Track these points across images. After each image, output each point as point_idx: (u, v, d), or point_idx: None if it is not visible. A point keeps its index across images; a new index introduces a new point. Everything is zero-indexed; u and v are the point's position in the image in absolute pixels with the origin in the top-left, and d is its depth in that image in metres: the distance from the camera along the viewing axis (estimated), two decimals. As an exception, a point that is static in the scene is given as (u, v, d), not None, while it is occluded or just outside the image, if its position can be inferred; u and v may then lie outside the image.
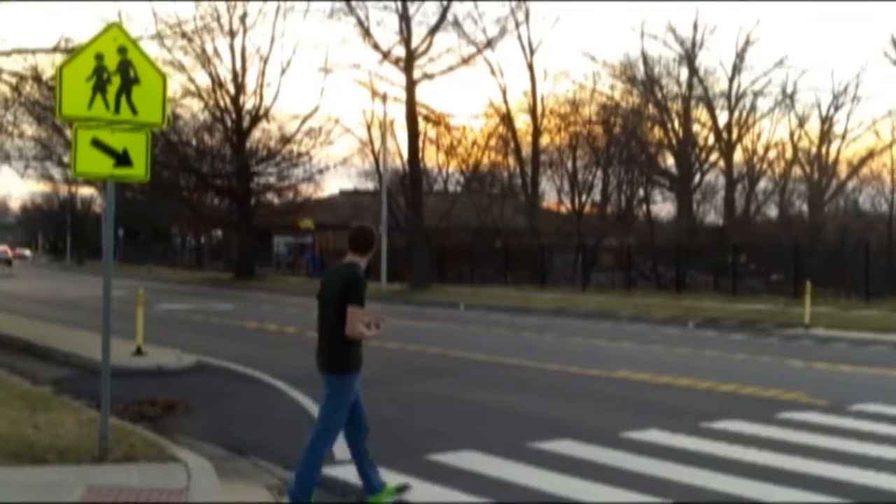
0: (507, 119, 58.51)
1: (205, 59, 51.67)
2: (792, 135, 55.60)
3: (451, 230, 55.27)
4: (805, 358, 18.53)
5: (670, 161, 57.14)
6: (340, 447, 9.04)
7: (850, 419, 11.26)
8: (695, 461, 8.84)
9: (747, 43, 53.62)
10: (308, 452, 7.24)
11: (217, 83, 53.70)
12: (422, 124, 50.35)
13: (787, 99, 54.53)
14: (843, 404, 12.26)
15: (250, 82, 54.78)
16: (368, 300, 7.30)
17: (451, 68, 47.01)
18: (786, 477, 8.29)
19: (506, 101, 57.75)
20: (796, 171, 56.26)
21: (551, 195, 60.02)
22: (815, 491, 7.79)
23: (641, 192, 58.38)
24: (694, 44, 53.93)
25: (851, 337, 22.80)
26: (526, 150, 58.18)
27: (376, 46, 46.15)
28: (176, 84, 48.22)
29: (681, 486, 7.97)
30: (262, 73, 54.32)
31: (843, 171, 55.79)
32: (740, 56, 53.93)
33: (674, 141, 55.76)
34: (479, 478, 8.23)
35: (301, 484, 7.20)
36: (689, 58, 54.14)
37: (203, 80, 53.13)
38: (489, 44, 49.24)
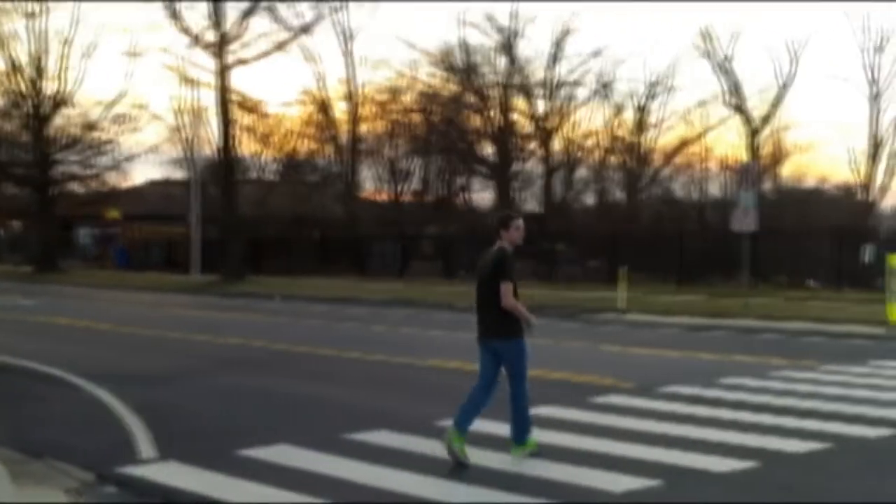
0: (324, 106, 58.27)
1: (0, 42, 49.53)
2: (608, 124, 57.32)
3: (268, 220, 54.64)
4: (618, 342, 19.22)
5: (489, 149, 58.03)
6: (149, 446, 8.92)
7: (657, 401, 11.74)
8: (509, 448, 9.04)
9: (565, 33, 54.94)
10: (519, 411, 8.84)
11: (14, 67, 51.52)
12: (235, 111, 49.58)
13: (604, 89, 56.08)
14: (651, 386, 12.77)
15: (52, 66, 52.83)
16: (177, 292, 7.19)
17: (265, 54, 46.45)
18: (597, 459, 8.58)
19: (323, 88, 57.54)
20: (613, 159, 58.01)
21: (370, 184, 60.20)
22: (624, 472, 8.08)
23: (461, 181, 59.14)
24: (512, 32, 54.90)
25: (662, 321, 23.79)
26: (344, 138, 58.09)
27: (186, 30, 45.16)
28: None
29: (495, 472, 8.15)
30: (65, 57, 52.40)
31: (657, 159, 57.85)
32: (558, 46, 55.20)
33: (493, 129, 56.66)
34: (293, 472, 8.20)
35: (521, 430, 8.78)
36: (507, 47, 55.06)
37: (-2, 64, 50.95)
38: (305, 29, 48.88)
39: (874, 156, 54.54)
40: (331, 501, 7.35)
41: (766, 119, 55.12)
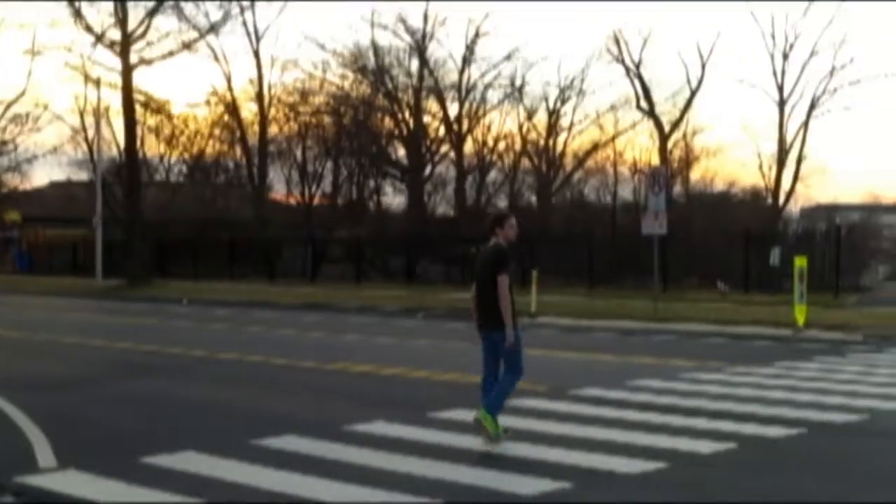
0: (232, 107, 57.72)
1: None
2: (521, 127, 57.72)
3: (174, 222, 53.94)
4: (530, 346, 19.28)
5: (401, 152, 58.07)
6: (48, 455, 8.73)
7: (569, 403, 11.85)
8: (423, 452, 9.01)
9: (477, 35, 55.19)
10: (500, 388, 9.48)
11: None
12: (140, 111, 48.81)
13: (516, 92, 56.53)
14: (563, 389, 12.88)
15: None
16: (80, 297, 7.04)
17: (171, 53, 45.86)
18: (507, 462, 8.61)
19: (231, 89, 57.00)
20: (525, 162, 58.43)
21: (280, 186, 59.76)
22: (535, 475, 8.11)
23: (372, 184, 59.08)
24: (424, 35, 55.01)
25: (573, 324, 24.01)
26: (253, 140, 57.59)
27: (89, 28, 44.34)
28: None
29: (408, 476, 8.11)
30: (-40, 54, 51.11)
31: (569, 163, 58.45)
32: (470, 48, 55.44)
33: (405, 132, 56.69)
34: (198, 479, 8.06)
35: (490, 407, 9.35)
36: (419, 49, 55.16)
37: None
38: (212, 28, 48.41)
39: (782, 160, 55.79)
40: (237, 508, 7.25)
41: (676, 123, 56.08)
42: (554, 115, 57.53)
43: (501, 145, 57.96)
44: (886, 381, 13.87)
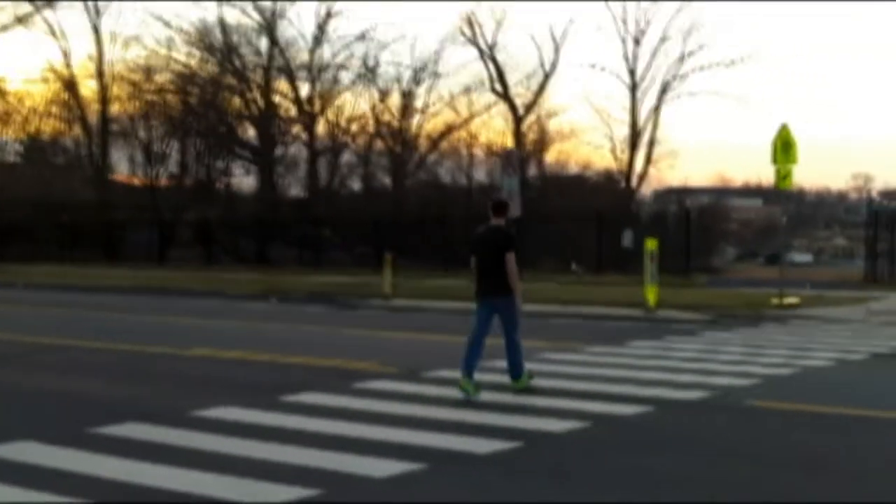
0: (70, 84, 55.98)
1: None
2: (374, 108, 57.56)
3: (10, 204, 52.05)
4: (383, 328, 19.40)
5: (251, 132, 57.32)
6: None
7: (422, 385, 11.92)
8: (272, 436, 8.92)
9: (328, 15, 54.76)
10: (512, 349, 11.54)
11: None
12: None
13: (369, 73, 56.35)
14: (416, 371, 12.94)
15: None
16: None
17: (4, 28, 44.20)
18: (359, 445, 8.59)
19: (69, 66, 55.30)
20: (379, 144, 58.34)
21: (124, 167, 58.24)
22: (387, 457, 8.12)
23: (221, 164, 58.17)
24: (274, 13, 54.33)
25: (428, 306, 24.15)
26: (93, 119, 55.98)
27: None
28: None
29: (258, 462, 8.01)
30: None
31: (423, 145, 58.59)
32: (321, 28, 55.02)
33: (255, 112, 55.96)
34: (38, 470, 7.78)
35: (516, 370, 11.54)
36: (269, 27, 54.47)
37: None
38: (48, 2, 46.84)
39: (634, 143, 57.11)
40: (80, 500, 7.03)
41: (530, 106, 56.81)
42: (408, 96, 57.54)
43: (354, 126, 57.73)
44: (733, 359, 14.35)
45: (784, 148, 23.28)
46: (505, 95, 56.26)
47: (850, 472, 7.87)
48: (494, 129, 57.82)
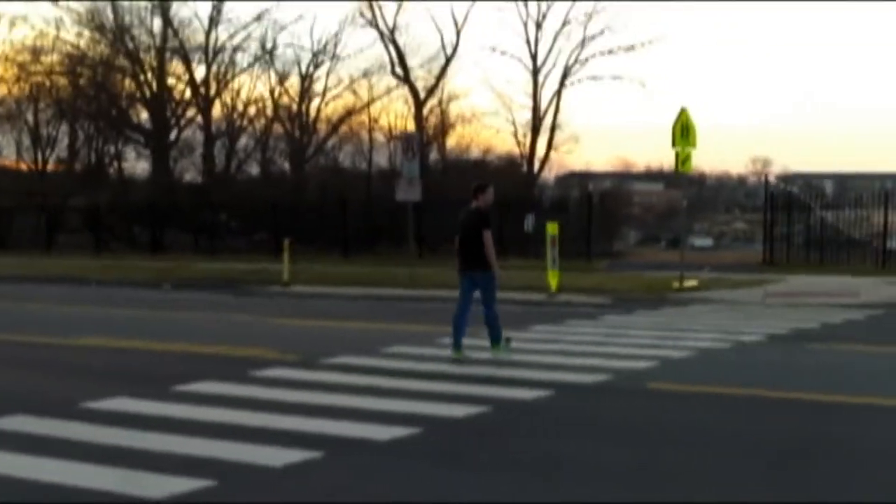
0: (-49, 64, 54.35)
1: None
2: (272, 91, 56.94)
3: None
4: (281, 315, 19.28)
5: (144, 115, 56.28)
6: None
7: (320, 372, 11.87)
8: (165, 427, 8.80)
9: (224, -5, 54.00)
10: (492, 321, 13.11)
11: None
12: None
13: (267, 55, 55.72)
14: (315, 358, 12.87)
15: None
16: None
17: None
18: (257, 434, 8.52)
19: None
20: (277, 128, 57.78)
21: (9, 151, 56.75)
22: (285, 445, 8.07)
23: (113, 149, 57.08)
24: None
25: (327, 292, 24.08)
26: (-21, 101, 54.46)
27: None
28: None
29: (148, 453, 7.89)
30: None
31: (323, 129, 58.18)
32: (217, 9, 54.24)
33: (148, 94, 54.98)
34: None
35: (496, 334, 13.09)
36: (162, 7, 53.53)
37: None
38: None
39: (536, 128, 57.48)
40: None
41: (431, 90, 56.76)
42: (307, 79, 57.04)
43: (252, 110, 57.03)
44: (633, 342, 14.59)
45: (683, 132, 23.67)
46: (406, 79, 56.14)
47: (742, 450, 8.05)
48: (396, 112, 57.69)
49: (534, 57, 56.73)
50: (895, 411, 9.79)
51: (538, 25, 56.40)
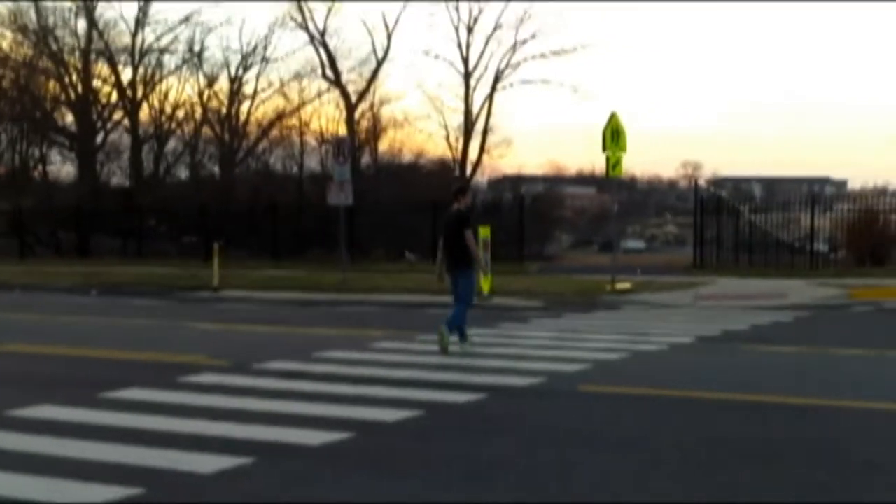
0: None
1: None
2: (201, 94, 56.51)
3: None
4: (211, 320, 19.15)
5: (69, 118, 55.55)
6: None
7: (251, 377, 11.81)
8: (92, 435, 8.70)
9: (146, -2, 53.49)
10: (457, 312, 13.94)
11: None
12: None
13: (195, 57, 55.30)
14: (246, 363, 12.80)
15: None
16: None
17: None
18: (185, 440, 8.47)
19: None
20: (207, 131, 57.34)
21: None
22: (215, 452, 8.03)
23: (37, 152, 56.24)
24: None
25: (258, 297, 23.98)
26: None
27: None
28: None
29: (74, 461, 7.80)
30: None
31: (253, 132, 57.85)
32: (143, 10, 53.72)
33: (72, 97, 54.25)
34: None
35: (459, 327, 13.97)
36: (87, 9, 52.86)
37: None
38: None
39: (468, 131, 57.72)
40: None
41: (363, 93, 56.72)
42: (236, 82, 56.74)
43: (181, 113, 56.57)
44: (565, 345, 14.70)
45: (614, 136, 23.92)
46: (337, 82, 56.04)
47: (671, 450, 8.15)
48: (327, 116, 57.58)
49: (465, 61, 57.07)
50: (819, 410, 9.98)
51: (469, 29, 56.76)
